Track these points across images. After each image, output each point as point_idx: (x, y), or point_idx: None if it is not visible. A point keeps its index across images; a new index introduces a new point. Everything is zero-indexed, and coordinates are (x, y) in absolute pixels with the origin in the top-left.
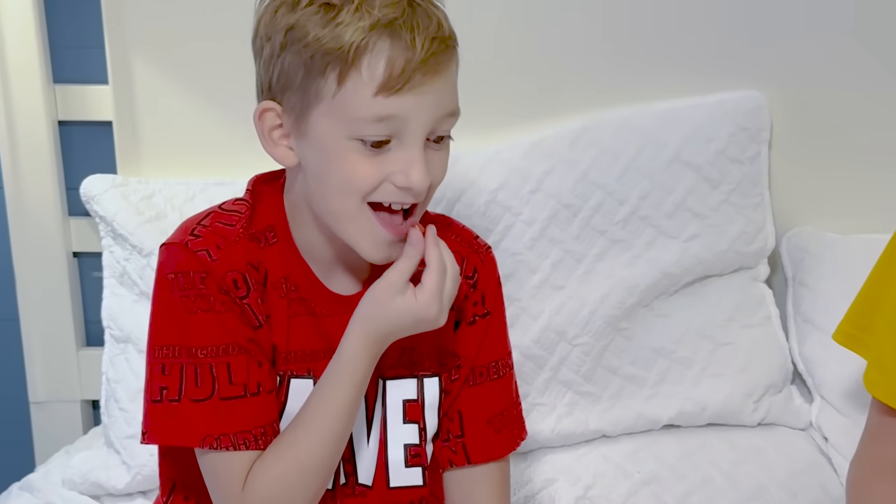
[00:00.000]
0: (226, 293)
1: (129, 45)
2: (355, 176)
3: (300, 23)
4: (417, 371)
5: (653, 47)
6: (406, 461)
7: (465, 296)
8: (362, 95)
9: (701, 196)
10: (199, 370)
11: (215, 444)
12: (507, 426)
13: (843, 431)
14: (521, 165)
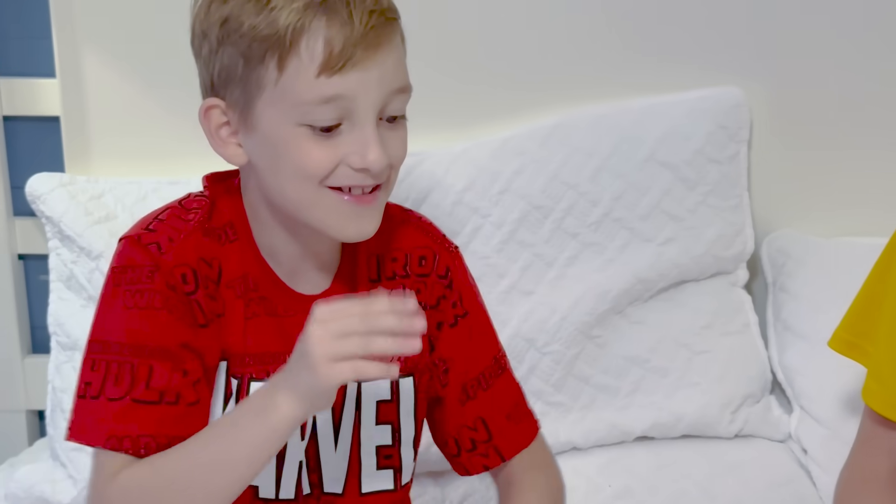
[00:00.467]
0: (172, 289)
1: (78, 37)
2: (309, 162)
3: (234, 13)
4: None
5: (628, 42)
6: (377, 463)
7: (442, 296)
8: (304, 78)
9: (677, 197)
10: (121, 368)
11: (117, 445)
12: (523, 415)
13: (823, 444)
14: (489, 165)
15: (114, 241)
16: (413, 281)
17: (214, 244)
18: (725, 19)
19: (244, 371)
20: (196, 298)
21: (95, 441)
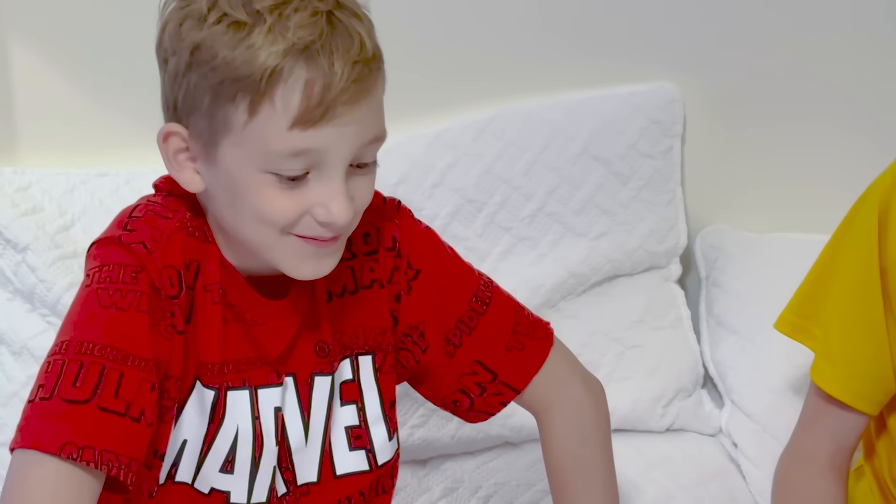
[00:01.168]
0: (156, 292)
1: (4, 27)
2: (270, 210)
3: (207, 42)
4: (346, 352)
5: (561, 36)
6: (349, 444)
7: (394, 267)
8: (275, 128)
9: (610, 192)
10: (84, 368)
11: (75, 455)
12: (528, 336)
13: (753, 438)
14: (422, 158)
15: (42, 233)
16: (361, 260)
17: (196, 244)
18: (660, 14)
19: (221, 380)
20: (178, 303)
21: (49, 447)
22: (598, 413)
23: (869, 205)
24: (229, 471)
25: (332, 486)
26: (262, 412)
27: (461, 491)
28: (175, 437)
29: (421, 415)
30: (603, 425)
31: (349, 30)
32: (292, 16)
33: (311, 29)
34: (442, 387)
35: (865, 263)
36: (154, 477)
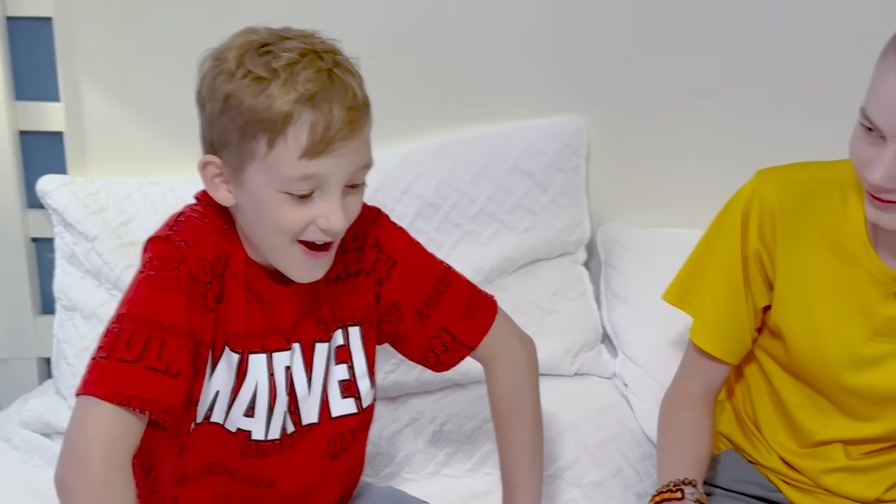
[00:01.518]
0: (193, 279)
1: (77, 70)
2: (285, 221)
3: (235, 93)
4: (340, 324)
5: (500, 81)
6: (341, 394)
7: (377, 259)
8: (289, 159)
9: (534, 197)
10: (135, 336)
11: (124, 401)
12: (478, 306)
13: (638, 379)
14: (394, 172)
15: (106, 227)
16: (352, 254)
17: (226, 243)
18: (572, 67)
19: (245, 346)
20: (210, 288)
21: (104, 395)
22: (531, 364)
23: (734, 210)
24: (251, 415)
25: (328, 425)
26: (276, 370)
27: (422, 420)
28: (209, 389)
29: (393, 364)
30: (534, 373)
31: (344, 83)
32: (301, 72)
33: (315, 83)
34: (415, 347)
35: (732, 254)
36: (191, 418)
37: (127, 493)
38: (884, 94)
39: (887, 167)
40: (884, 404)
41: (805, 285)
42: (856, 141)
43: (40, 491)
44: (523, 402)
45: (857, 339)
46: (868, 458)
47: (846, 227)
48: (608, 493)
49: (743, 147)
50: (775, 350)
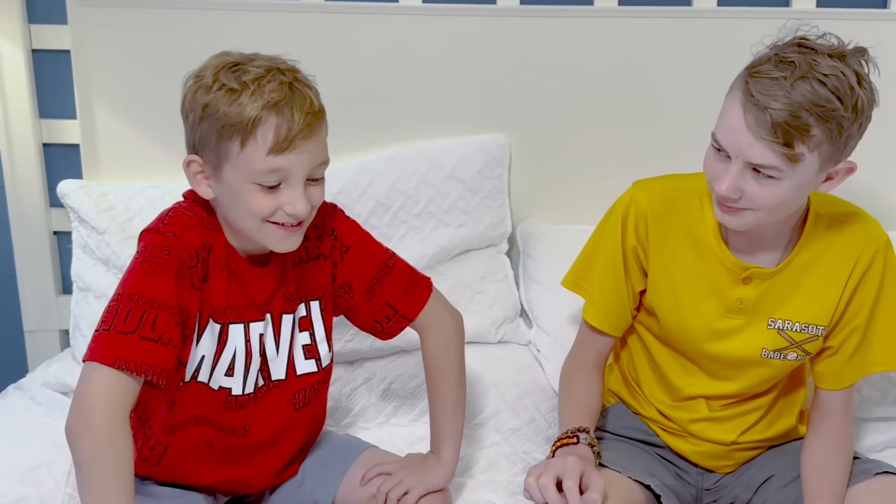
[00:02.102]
0: (181, 263)
1: (91, 93)
2: (257, 207)
3: (212, 103)
4: (303, 299)
5: (440, 105)
6: (304, 356)
7: (332, 245)
8: (258, 156)
9: (466, 199)
10: (131, 312)
11: (123, 366)
12: (416, 286)
13: (548, 346)
14: (352, 178)
15: (114, 223)
16: (313, 241)
17: (209, 233)
18: (498, 94)
19: (225, 318)
20: (195, 270)
21: (106, 361)
22: (458, 334)
23: (615, 214)
24: (231, 374)
25: (294, 381)
26: (251, 337)
27: (374, 380)
28: (196, 354)
29: (350, 334)
30: (460, 340)
31: (304, 93)
32: (266, 85)
33: (279, 92)
34: (364, 318)
35: (614, 249)
36: (180, 377)
37: (125, 441)
38: (729, 122)
39: (731, 181)
40: (736, 367)
41: (672, 273)
42: (707, 158)
43: (57, 440)
44: (450, 364)
45: (713, 315)
46: (724, 409)
47: (703, 227)
48: (524, 437)
49: (627, 162)
50: (651, 324)
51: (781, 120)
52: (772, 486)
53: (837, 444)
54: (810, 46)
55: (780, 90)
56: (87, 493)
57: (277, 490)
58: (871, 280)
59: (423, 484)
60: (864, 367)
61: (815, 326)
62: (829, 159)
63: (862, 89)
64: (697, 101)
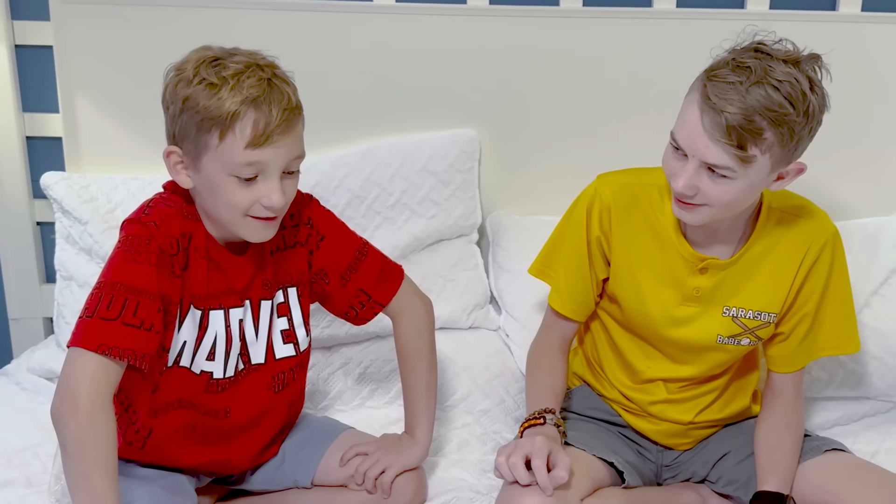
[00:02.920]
0: (162, 252)
1: (73, 88)
2: (235, 200)
3: (192, 96)
4: (281, 285)
5: (413, 101)
6: (283, 340)
7: (308, 234)
8: (236, 148)
9: (439, 191)
10: (114, 299)
11: (107, 351)
12: (388, 273)
13: (516, 331)
14: (329, 171)
15: (96, 214)
16: (289, 230)
17: (189, 223)
18: (469, 91)
19: (206, 304)
20: (176, 259)
21: (90, 346)
22: (429, 319)
23: (580, 206)
24: (212, 359)
25: (273, 365)
26: (231, 323)
27: (350, 364)
28: (178, 340)
29: (328, 321)
30: (431, 325)
31: (282, 89)
32: (245, 80)
33: (258, 88)
34: (339, 304)
35: (579, 239)
36: (163, 362)
37: (109, 423)
38: (686, 123)
39: (687, 178)
40: (693, 352)
41: (633, 262)
42: (666, 156)
43: (43, 424)
44: (422, 348)
45: (671, 303)
46: (682, 392)
47: (664, 220)
48: (493, 418)
49: (591, 156)
50: (613, 311)
51: (735, 123)
52: (727, 462)
53: (788, 423)
54: (767, 52)
55: (735, 94)
56: (71, 474)
57: (258, 470)
58: (819, 270)
59: (398, 463)
60: (814, 351)
61: (767, 314)
62: (780, 161)
63: (814, 95)
64: (657, 98)
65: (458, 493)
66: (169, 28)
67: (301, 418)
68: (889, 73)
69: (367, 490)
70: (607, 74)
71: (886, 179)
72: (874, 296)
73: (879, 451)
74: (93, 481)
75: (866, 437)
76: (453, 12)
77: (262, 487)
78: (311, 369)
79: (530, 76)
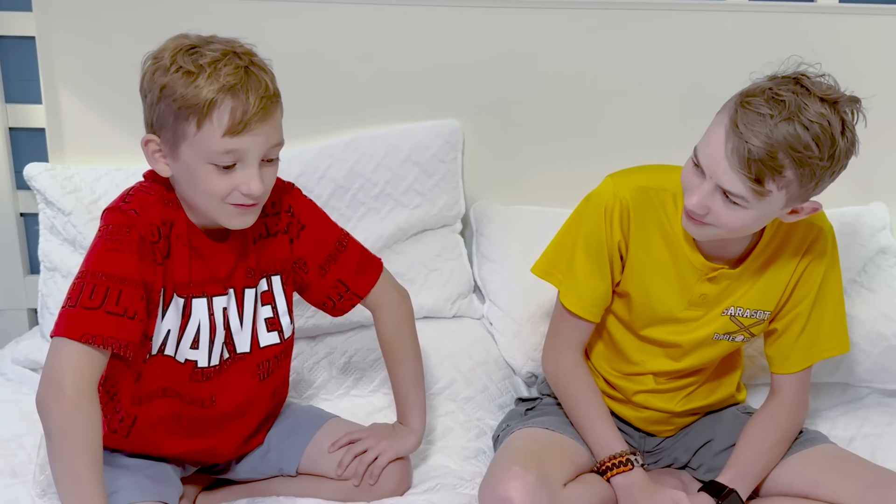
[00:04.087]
0: (143, 240)
1: (56, 79)
2: (213, 188)
3: (170, 84)
4: (265, 274)
5: (397, 92)
6: (267, 328)
7: (289, 222)
8: (214, 136)
9: (422, 181)
10: (96, 288)
11: (90, 340)
12: (367, 265)
13: (500, 319)
14: (313, 161)
15: (80, 205)
16: (271, 217)
17: (170, 210)
18: (452, 82)
19: (189, 292)
20: (158, 246)
21: (73, 335)
22: (408, 309)
23: (597, 206)
24: (196, 347)
25: (258, 353)
26: (215, 311)
27: (335, 354)
28: (162, 329)
29: (312, 311)
30: (410, 316)
31: (258, 77)
32: (223, 68)
33: (235, 76)
34: (317, 294)
35: (598, 241)
36: (147, 350)
37: (93, 411)
38: (710, 144)
39: (701, 197)
40: (691, 350)
41: (644, 266)
42: (685, 170)
43: (28, 414)
44: (405, 338)
45: (677, 307)
46: (669, 383)
47: (677, 227)
48: (477, 405)
49: (572, 146)
50: (619, 309)
51: (757, 156)
52: (709, 450)
53: (776, 423)
54: (806, 86)
55: (763, 128)
56: (56, 462)
57: (244, 459)
58: (815, 269)
59: (393, 449)
60: (814, 354)
61: (762, 311)
62: (796, 198)
63: (843, 139)
64: (639, 89)
65: (443, 480)
66: (151, 19)
67: (286, 407)
68: (866, 65)
69: (353, 479)
70: (588, 65)
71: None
72: (851, 284)
73: (856, 437)
74: (77, 469)
75: (843, 422)
76: (437, 3)
77: (247, 476)
78: (295, 359)
79: (513, 67)
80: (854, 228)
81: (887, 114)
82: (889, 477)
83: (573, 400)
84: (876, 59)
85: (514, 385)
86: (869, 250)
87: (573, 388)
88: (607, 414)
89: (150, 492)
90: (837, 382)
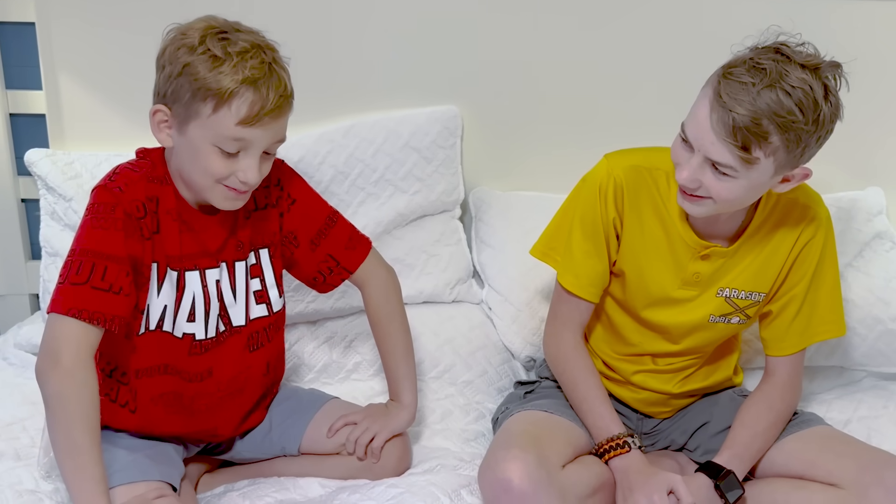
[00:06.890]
0: (129, 216)
1: (56, 64)
2: (213, 168)
3: (194, 64)
4: (253, 247)
5: (396, 78)
6: (256, 301)
7: (278, 196)
8: (227, 123)
9: (421, 167)
10: (83, 264)
11: (77, 314)
12: (357, 242)
13: (499, 304)
14: (313, 147)
15: (80, 190)
16: (261, 191)
17: (156, 186)
18: (451, 67)
19: (181, 266)
20: (144, 222)
21: (61, 310)
22: (395, 285)
23: (592, 185)
24: (192, 320)
25: (250, 325)
26: (209, 284)
27: (336, 338)
28: (159, 304)
29: (314, 296)
30: (398, 291)
31: (279, 75)
32: (249, 60)
33: (259, 70)
34: (307, 270)
35: (594, 220)
36: (139, 323)
37: (89, 379)
38: (696, 117)
39: (691, 171)
40: (688, 332)
41: (638, 244)
42: (674, 145)
43: (30, 397)
44: (394, 312)
45: (670, 286)
46: (668, 364)
47: (670, 206)
48: (476, 389)
49: (571, 131)
50: (615, 290)
51: (742, 124)
52: (706, 432)
53: (770, 405)
54: (786, 54)
55: (746, 96)
56: (54, 428)
57: (245, 439)
58: (811, 252)
59: (387, 429)
60: (808, 336)
61: (757, 293)
62: (785, 165)
63: (827, 104)
64: (638, 74)
65: (443, 461)
66: (151, 4)
67: (288, 388)
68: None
69: (357, 457)
70: (586, 50)
71: (860, 154)
72: (848, 268)
73: (852, 420)
74: (74, 435)
75: (839, 405)
76: None
77: (250, 456)
78: (296, 343)
79: (512, 54)
80: (851, 213)
81: (883, 98)
82: (884, 457)
83: (572, 382)
84: (871, 44)
85: (513, 369)
86: (865, 235)
87: (573, 370)
88: (606, 397)
89: (150, 471)
90: (833, 366)
